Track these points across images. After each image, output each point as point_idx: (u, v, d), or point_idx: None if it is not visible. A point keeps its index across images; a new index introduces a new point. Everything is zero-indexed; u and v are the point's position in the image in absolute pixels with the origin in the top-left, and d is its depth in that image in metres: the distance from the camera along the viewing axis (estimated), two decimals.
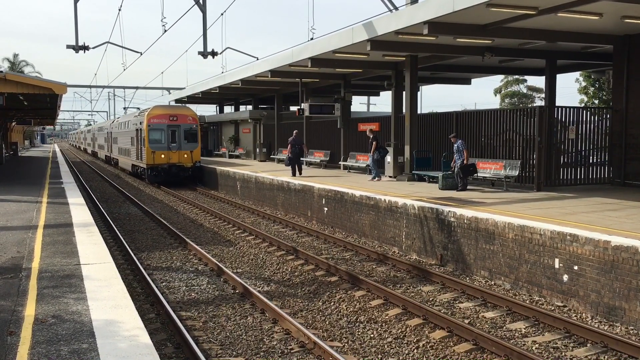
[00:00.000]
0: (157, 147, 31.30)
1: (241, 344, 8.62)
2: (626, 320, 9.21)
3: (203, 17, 19.87)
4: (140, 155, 33.30)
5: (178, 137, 31.76)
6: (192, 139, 32.18)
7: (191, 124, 32.30)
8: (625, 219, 11.64)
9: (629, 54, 17.98)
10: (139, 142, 33.00)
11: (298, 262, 13.79)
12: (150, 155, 31.20)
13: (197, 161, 32.27)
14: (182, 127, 31.96)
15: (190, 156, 31.98)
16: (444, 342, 8.68)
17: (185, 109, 33.31)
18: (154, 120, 31.39)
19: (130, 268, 13.17)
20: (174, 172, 31.59)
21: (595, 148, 19.01)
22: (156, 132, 31.39)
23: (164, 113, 31.93)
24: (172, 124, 31.74)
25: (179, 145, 31.76)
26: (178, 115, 32.06)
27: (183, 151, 31.78)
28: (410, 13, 15.92)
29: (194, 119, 32.67)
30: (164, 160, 31.47)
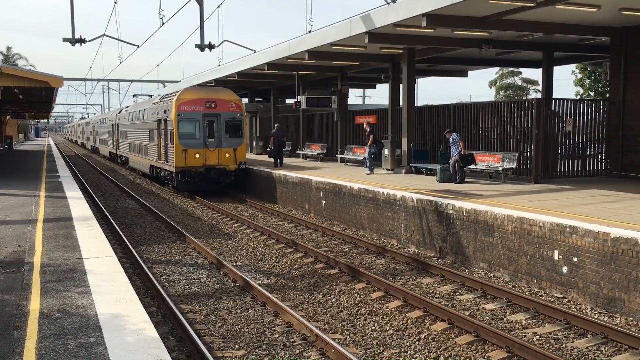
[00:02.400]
0: (189, 144, 23.56)
1: (243, 337, 8.65)
2: (626, 311, 9.29)
3: (200, 9, 19.77)
4: (164, 154, 25.63)
5: (217, 130, 24.03)
6: (235, 132, 24.59)
7: (234, 112, 24.37)
8: (623, 211, 11.71)
9: (627, 46, 18.03)
10: (163, 137, 25.46)
11: (297, 255, 13.82)
12: (180, 155, 23.38)
13: (242, 162, 24.56)
14: (223, 117, 24.10)
15: (233, 156, 24.23)
16: (445, 334, 8.73)
17: (226, 92, 25.04)
18: (185, 107, 23.44)
19: (129, 262, 13.16)
20: (211, 178, 23.99)
21: (592, 140, 19.08)
22: (188, 123, 23.64)
23: (199, 97, 23.89)
24: (210, 111, 23.89)
25: (218, 141, 24.06)
26: (217, 100, 24.02)
27: (224, 149, 24.10)
28: (408, 5, 15.89)
29: (237, 105, 24.67)
30: (199, 162, 23.66)
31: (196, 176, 23.84)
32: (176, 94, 24.09)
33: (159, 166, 27.06)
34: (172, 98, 24.35)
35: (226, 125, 24.26)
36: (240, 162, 24.48)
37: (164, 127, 25.29)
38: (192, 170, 23.72)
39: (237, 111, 24.52)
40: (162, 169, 26.47)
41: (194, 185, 24.09)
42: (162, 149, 25.98)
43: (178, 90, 24.96)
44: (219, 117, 24.10)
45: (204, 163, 23.86)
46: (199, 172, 23.82)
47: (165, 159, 25.34)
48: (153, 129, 27.45)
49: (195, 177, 23.84)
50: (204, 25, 19.93)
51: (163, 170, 26.27)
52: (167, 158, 24.95)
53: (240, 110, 24.64)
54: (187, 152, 23.52)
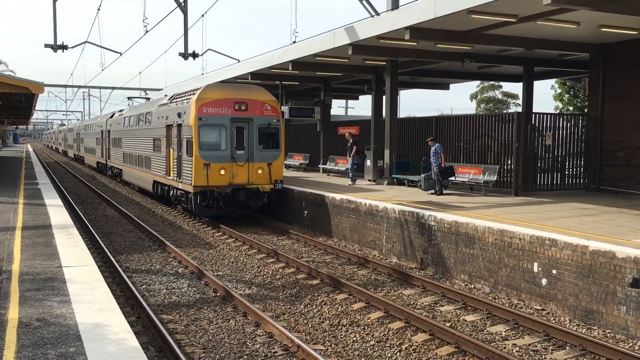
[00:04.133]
0: (212, 157, 18.55)
1: (224, 348, 8.60)
2: (603, 324, 9.41)
3: (184, 18, 19.79)
4: (175, 169, 20.38)
5: (248, 139, 19.08)
6: (270, 142, 19.51)
7: (270, 117, 19.32)
8: (601, 224, 11.89)
9: (605, 62, 18.38)
10: (176, 147, 20.31)
11: (279, 265, 13.79)
12: (200, 171, 18.34)
13: (279, 180, 19.48)
14: (256, 122, 19.09)
15: (267, 172, 19.21)
16: (426, 345, 8.77)
17: (259, 90, 19.89)
18: (208, 109, 18.49)
19: (109, 271, 13.02)
20: (240, 201, 19.00)
21: (571, 154, 19.37)
22: (212, 130, 18.65)
23: (226, 97, 18.85)
24: (240, 115, 18.88)
25: (249, 154, 19.08)
26: (248, 101, 19.05)
27: (256, 164, 19.11)
28: (392, 18, 16.07)
29: (273, 107, 19.51)
30: (225, 180, 18.71)
31: (220, 198, 18.71)
32: (196, 93, 18.87)
33: (166, 183, 21.83)
34: (190, 97, 19.18)
35: (259, 133, 19.15)
36: (276, 181, 19.38)
37: (176, 134, 20.01)
38: (216, 191, 18.57)
39: (273, 115, 19.35)
40: (171, 187, 21.23)
41: (218, 210, 18.86)
42: (171, 162, 20.92)
43: (197, 88, 19.54)
44: (251, 122, 19.03)
45: (230, 181, 18.79)
46: (224, 194, 18.75)
47: (178, 175, 20.11)
48: (159, 137, 22.45)
49: (220, 199, 18.71)
50: (187, 34, 19.94)
51: (173, 189, 20.99)
52: (181, 174, 19.78)
53: (277, 114, 19.48)
54: (209, 167, 18.34)
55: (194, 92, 19.52)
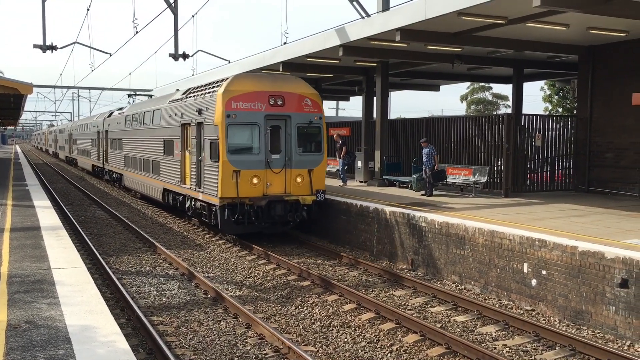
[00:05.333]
0: (243, 163, 15.46)
1: (215, 349, 8.58)
2: (593, 324, 9.47)
3: (174, 18, 19.72)
4: (194, 176, 17.32)
5: (286, 140, 16.07)
6: (311, 144, 16.52)
7: (311, 114, 16.34)
8: (590, 225, 11.97)
9: (594, 64, 18.51)
10: (194, 150, 17.17)
11: (270, 266, 13.77)
12: (228, 180, 15.30)
13: (321, 190, 16.39)
14: (295, 120, 16.08)
15: (307, 181, 16.20)
16: (417, 346, 8.78)
17: (297, 82, 16.69)
18: (239, 104, 15.40)
19: (98, 272, 12.95)
20: (277, 215, 15.91)
21: (560, 155, 19.50)
22: (242, 129, 15.58)
23: (260, 89, 15.76)
24: (275, 111, 15.86)
25: (286, 158, 16.05)
26: (285, 95, 16.00)
27: (295, 170, 16.08)
28: (383, 20, 16.10)
29: (314, 102, 16.44)
30: (258, 191, 15.66)
31: (252, 212, 15.54)
32: (222, 84, 15.83)
33: (181, 192, 18.88)
34: (214, 90, 16.09)
35: (299, 133, 16.14)
36: (317, 191, 16.23)
37: (195, 134, 17.06)
38: (247, 204, 15.45)
39: (314, 112, 16.33)
40: (187, 197, 18.26)
41: (250, 226, 15.75)
42: (188, 168, 17.95)
43: (222, 79, 16.37)
44: (289, 120, 15.99)
45: (264, 192, 15.70)
46: (257, 207, 15.62)
47: (197, 184, 17.02)
48: (172, 138, 19.47)
49: (252, 213, 15.54)
50: (178, 35, 19.87)
51: (190, 199, 18.04)
52: (202, 182, 16.64)
53: (319, 111, 16.45)
54: (239, 174, 15.27)
55: (218, 83, 16.42)
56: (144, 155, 23.56)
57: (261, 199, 15.61)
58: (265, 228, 16.13)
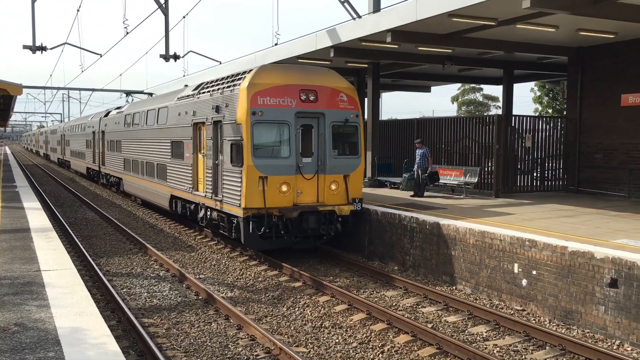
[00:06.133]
0: (271, 168, 13.55)
1: (206, 351, 8.56)
2: (582, 324, 9.53)
3: (165, 19, 19.67)
4: (210, 183, 15.30)
5: (319, 141, 14.21)
6: (347, 146, 14.72)
7: (347, 111, 14.43)
8: (580, 225, 12.05)
9: (583, 65, 18.65)
10: (211, 153, 15.21)
11: (261, 267, 13.75)
12: (254, 187, 13.39)
13: (357, 199, 14.49)
14: (329, 118, 14.19)
15: (343, 188, 14.33)
16: (408, 347, 8.80)
17: (330, 74, 14.78)
18: (265, 100, 13.54)
19: (89, 274, 12.89)
20: (310, 228, 13.96)
21: (550, 156, 19.61)
22: (270, 128, 13.71)
23: (289, 83, 13.86)
24: (307, 108, 13.98)
25: (319, 162, 14.17)
26: (318, 88, 14.13)
27: (330, 176, 14.17)
28: (374, 21, 16.14)
29: (350, 97, 14.55)
30: (288, 200, 13.76)
31: (281, 225, 13.68)
32: (246, 76, 13.88)
33: (192, 200, 16.95)
34: (236, 84, 14.11)
35: (333, 133, 14.24)
36: (354, 200, 14.38)
37: (211, 135, 15.07)
38: (275, 215, 13.57)
39: (350, 108, 14.43)
40: (201, 206, 16.32)
41: (278, 241, 13.88)
42: (201, 173, 16.20)
43: (245, 72, 14.41)
44: (322, 118, 14.08)
45: (295, 201, 13.83)
46: (288, 219, 13.71)
47: (213, 191, 15.03)
48: (181, 139, 17.62)
49: (281, 226, 13.68)
50: (169, 35, 19.83)
51: (205, 208, 16.10)
52: (219, 189, 14.67)
53: (356, 108, 14.57)
54: (266, 181, 13.38)
55: (240, 76, 14.41)
56: (147, 158, 21.67)
57: (292, 210, 13.64)
58: (295, 243, 14.21)
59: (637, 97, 16.94)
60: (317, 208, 13.96)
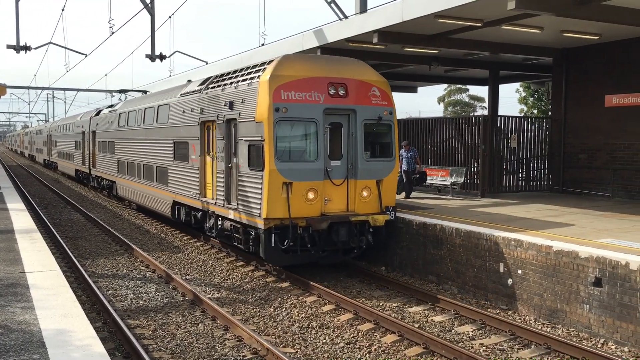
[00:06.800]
0: (296, 172, 11.97)
1: (192, 352, 8.53)
2: (567, 322, 9.61)
3: (151, 19, 19.59)
4: (222, 189, 13.74)
5: (349, 142, 12.72)
6: (381, 147, 13.26)
7: (380, 107, 12.94)
8: (564, 225, 12.15)
9: (567, 66, 18.82)
10: (223, 156, 13.69)
11: (248, 268, 13.72)
12: (277, 195, 11.84)
13: (391, 207, 13.06)
14: (361, 115, 12.68)
15: (376, 194, 12.84)
16: (395, 346, 8.83)
17: (360, 66, 13.29)
18: (290, 94, 12.03)
19: (74, 276, 12.79)
20: (341, 240, 12.43)
21: (535, 156, 19.77)
22: (295, 127, 12.25)
23: (316, 75, 12.34)
24: (337, 104, 12.46)
25: (349, 166, 12.68)
26: (348, 82, 12.61)
27: (361, 181, 12.65)
28: (360, 22, 16.17)
29: (383, 92, 13.07)
30: (314, 209, 12.18)
31: (307, 237, 12.09)
32: (266, 68, 12.29)
33: (201, 208, 15.26)
34: (254, 76, 12.56)
35: (365, 132, 12.75)
36: (387, 208, 12.93)
37: (224, 135, 13.55)
38: (301, 226, 12.00)
39: (383, 104, 12.96)
40: (211, 214, 14.73)
41: (304, 255, 12.35)
42: (210, 177, 14.70)
43: (264, 62, 12.79)
44: (353, 115, 12.61)
45: (322, 210, 12.30)
46: (315, 231, 12.10)
47: (226, 198, 13.53)
48: (186, 139, 16.05)
49: (307, 239, 12.09)
50: (155, 35, 19.74)
51: (214, 217, 14.51)
52: (235, 196, 13.10)
53: (389, 104, 13.08)
54: (291, 187, 11.83)
55: (258, 67, 12.80)
56: (145, 160, 20.02)
57: (321, 221, 12.00)
58: (322, 258, 12.66)
59: (620, 98, 17.13)
60: (349, 218, 12.32)
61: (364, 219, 12.46)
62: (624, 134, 17.13)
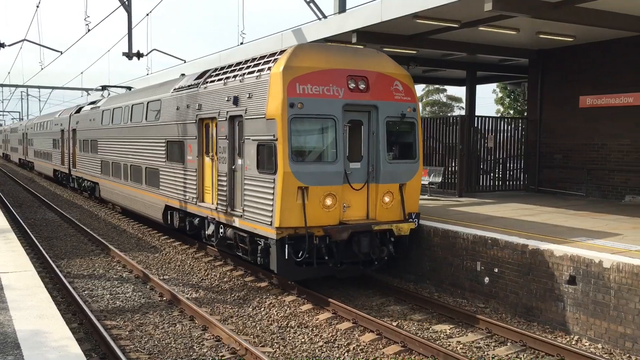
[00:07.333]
0: (313, 176, 10.72)
1: (170, 353, 8.47)
2: (542, 320, 9.76)
3: (128, 17, 19.39)
4: (225, 193, 12.57)
5: (370, 141, 11.59)
6: (403, 147, 12.14)
7: (403, 103, 11.82)
8: (540, 224, 12.32)
9: (543, 67, 19.08)
10: (223, 156, 12.71)
11: (227, 267, 13.67)
12: (292, 201, 10.60)
13: (414, 214, 12.00)
14: (383, 112, 11.52)
15: (398, 200, 11.73)
16: (374, 345, 8.87)
17: (380, 57, 12.07)
18: (306, 88, 10.76)
19: (49, 276, 12.62)
20: (362, 252, 11.17)
21: (511, 156, 20.02)
22: (311, 125, 11.01)
23: (334, 67, 11.11)
24: (357, 99, 11.27)
25: (370, 168, 11.55)
26: (369, 74, 11.45)
27: (383, 185, 11.52)
28: (339, 21, 16.22)
29: (407, 87, 11.94)
30: (333, 216, 10.97)
31: (325, 249, 10.89)
32: (278, 59, 11.07)
33: (198, 214, 14.18)
34: (266, 67, 11.28)
35: (388, 131, 11.64)
36: (410, 215, 11.86)
37: (227, 133, 12.43)
38: (317, 235, 10.78)
39: (407, 100, 11.84)
40: (212, 221, 13.45)
41: (320, 268, 11.11)
42: (209, 180, 13.55)
43: (276, 52, 11.56)
44: (375, 112, 11.46)
45: (341, 218, 11.14)
46: (331, 241, 10.90)
47: (230, 204, 12.40)
48: (182, 139, 14.84)
49: (324, 250, 10.89)
50: (132, 33, 19.55)
51: (217, 224, 13.23)
52: (240, 202, 11.99)
53: (413, 99, 11.97)
54: (307, 192, 10.65)
55: (268, 58, 11.58)
56: (133, 160, 18.79)
57: (341, 230, 10.75)
58: (341, 271, 11.56)
59: (594, 99, 17.43)
60: (372, 227, 11.08)
61: (387, 227, 11.26)
62: (598, 134, 17.43)
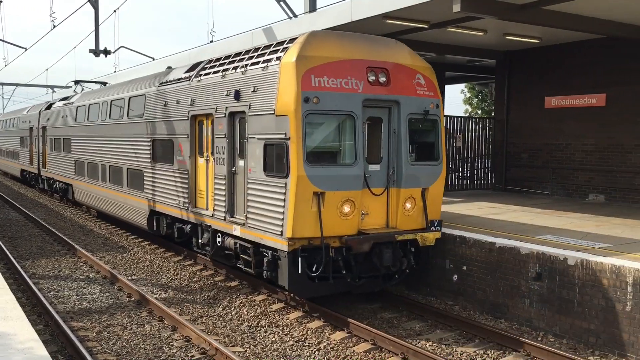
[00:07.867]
0: (330, 180, 9.40)
1: (139, 354, 8.38)
2: (510, 316, 9.94)
3: (95, 13, 19.09)
4: (224, 198, 11.30)
5: (390, 141, 10.33)
6: (426, 147, 10.88)
7: (426, 98, 10.55)
8: (507, 222, 12.54)
9: (510, 68, 19.40)
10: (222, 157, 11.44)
11: (196, 267, 13.57)
12: (306, 208, 9.27)
13: (436, 221, 10.61)
14: (405, 108, 10.25)
15: (421, 206, 10.51)
16: (344, 343, 8.92)
17: (400, 48, 10.69)
18: (323, 80, 9.41)
19: (13, 277, 12.36)
20: (384, 265, 9.92)
21: (479, 155, 20.31)
22: (328, 123, 9.66)
23: (352, 57, 9.81)
24: (377, 94, 9.95)
25: (391, 171, 10.32)
26: (389, 67, 10.16)
27: (405, 190, 10.25)
28: (310, 20, 16.21)
29: (429, 81, 10.71)
30: (351, 226, 9.71)
31: (342, 261, 9.78)
32: (289, 47, 9.82)
33: (190, 220, 12.98)
34: (273, 57, 10.09)
35: (410, 129, 10.48)
36: (432, 222, 10.64)
37: (226, 131, 11.25)
38: (334, 246, 9.64)
39: (429, 96, 10.70)
40: (207, 228, 12.24)
41: (337, 283, 9.94)
42: (204, 183, 12.39)
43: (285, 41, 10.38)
44: (396, 108, 10.31)
45: (359, 227, 9.96)
46: (349, 253, 9.77)
47: (229, 210, 11.23)
48: (172, 137, 13.59)
49: (341, 263, 9.77)
50: (99, 30, 19.25)
51: (214, 233, 11.96)
52: (241, 207, 10.91)
53: (436, 95, 10.85)
54: (323, 198, 9.43)
55: (276, 47, 10.36)
56: (112, 160, 17.43)
57: (362, 241, 9.62)
58: (359, 286, 10.29)
59: (559, 100, 17.80)
60: (395, 237, 9.95)
61: (412, 237, 10.24)
62: (562, 134, 17.80)
